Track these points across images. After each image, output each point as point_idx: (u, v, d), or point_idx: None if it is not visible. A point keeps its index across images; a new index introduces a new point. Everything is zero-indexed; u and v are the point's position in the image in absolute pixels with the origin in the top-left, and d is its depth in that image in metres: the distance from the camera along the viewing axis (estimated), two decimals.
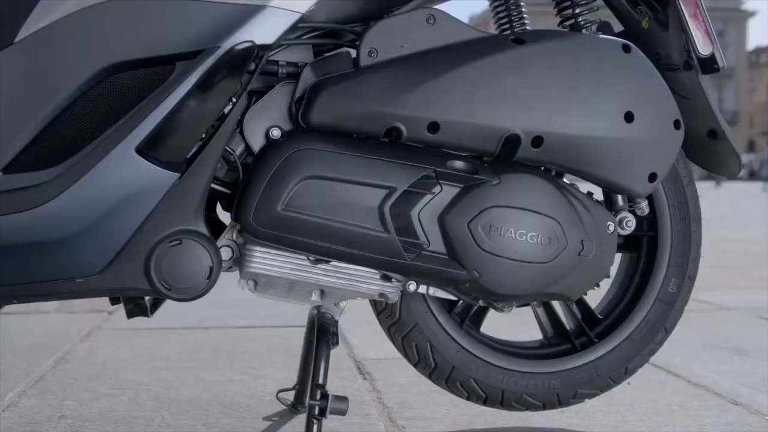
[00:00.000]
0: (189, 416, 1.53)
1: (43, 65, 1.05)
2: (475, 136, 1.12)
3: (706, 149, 1.36)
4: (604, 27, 1.42)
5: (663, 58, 1.33)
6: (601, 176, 1.18)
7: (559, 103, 1.12)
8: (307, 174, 1.10)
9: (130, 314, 1.20)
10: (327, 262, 1.15)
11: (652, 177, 1.20)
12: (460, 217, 1.13)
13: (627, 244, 1.43)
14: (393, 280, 1.18)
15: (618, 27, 1.43)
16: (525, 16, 1.42)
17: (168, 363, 1.96)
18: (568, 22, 1.30)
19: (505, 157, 1.15)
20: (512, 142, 1.13)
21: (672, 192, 1.39)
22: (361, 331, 2.31)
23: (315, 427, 1.19)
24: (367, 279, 1.17)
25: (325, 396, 1.20)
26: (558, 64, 1.13)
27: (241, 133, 1.15)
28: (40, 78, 1.05)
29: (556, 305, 1.43)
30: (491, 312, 1.38)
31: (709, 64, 1.31)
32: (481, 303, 1.27)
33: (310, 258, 1.15)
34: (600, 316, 1.43)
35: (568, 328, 1.42)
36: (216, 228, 1.19)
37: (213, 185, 1.16)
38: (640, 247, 1.42)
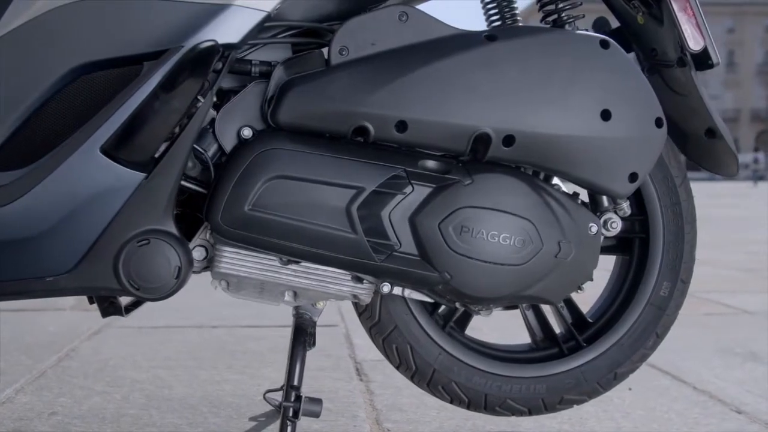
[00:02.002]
0: (177, 415, 1.53)
1: (15, 66, 1.06)
2: (444, 135, 1.09)
3: (704, 148, 1.32)
4: (602, 23, 1.39)
5: (659, 54, 1.30)
6: (579, 176, 1.14)
7: (531, 101, 1.09)
8: (274, 174, 1.09)
9: (105, 313, 1.21)
10: (297, 262, 1.14)
11: (633, 177, 1.16)
12: (430, 217, 1.11)
13: (619, 245, 1.39)
14: (365, 281, 1.16)
15: (616, 23, 1.39)
16: (517, 12, 1.39)
17: (167, 362, 1.97)
18: (550, 18, 1.27)
19: (478, 156, 1.12)
20: (483, 141, 1.10)
21: (664, 192, 1.34)
22: (364, 332, 2.29)
23: (289, 428, 1.18)
24: (337, 280, 1.16)
25: (298, 398, 1.19)
26: (531, 61, 1.10)
27: (214, 132, 1.15)
28: (12, 79, 1.06)
29: (546, 308, 1.40)
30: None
31: (703, 60, 1.27)
32: (457, 305, 1.25)
33: (281, 259, 1.14)
34: (590, 320, 1.40)
35: (556, 331, 1.39)
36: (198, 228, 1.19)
37: (190, 185, 1.16)
38: (632, 249, 1.38)
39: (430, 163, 1.13)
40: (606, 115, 1.12)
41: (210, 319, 2.53)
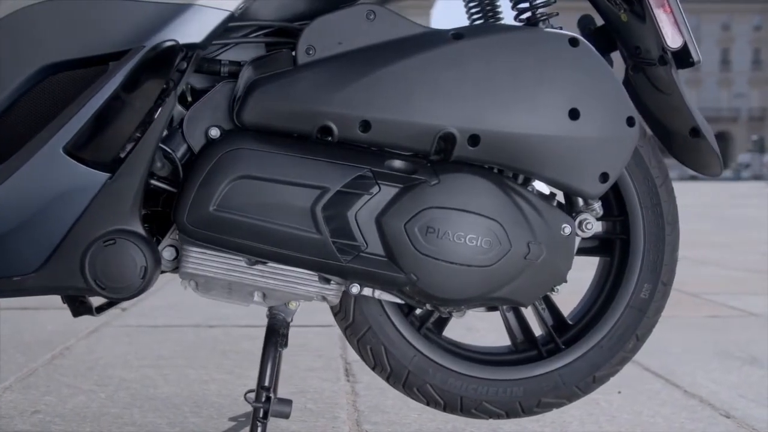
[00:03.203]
0: (158, 414, 1.54)
1: None
2: (408, 134, 1.08)
3: (689, 147, 1.30)
4: (587, 20, 1.38)
5: (642, 52, 1.28)
6: (549, 176, 1.13)
7: (496, 100, 1.08)
8: (239, 174, 1.09)
9: (75, 313, 1.21)
10: (263, 263, 1.14)
11: (604, 177, 1.14)
12: (396, 218, 1.10)
13: (601, 247, 1.37)
14: (332, 282, 1.16)
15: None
16: (500, 11, 1.38)
17: (159, 361, 1.98)
18: (524, 16, 1.25)
19: (445, 156, 1.11)
20: (448, 140, 1.09)
21: (644, 193, 1.32)
22: None
23: (259, 429, 1.17)
24: (304, 281, 1.15)
25: (268, 399, 1.18)
26: (496, 59, 1.08)
27: (183, 132, 1.15)
28: None
29: (527, 310, 1.38)
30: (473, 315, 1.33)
31: (683, 59, 1.26)
32: (428, 307, 1.23)
33: (248, 259, 1.14)
34: (570, 322, 1.38)
35: (535, 333, 1.37)
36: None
37: (162, 185, 1.16)
38: (614, 251, 1.36)
39: (398, 163, 1.12)
40: (574, 114, 1.10)
41: (208, 319, 2.54)
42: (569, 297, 1.31)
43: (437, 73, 1.07)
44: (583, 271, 1.40)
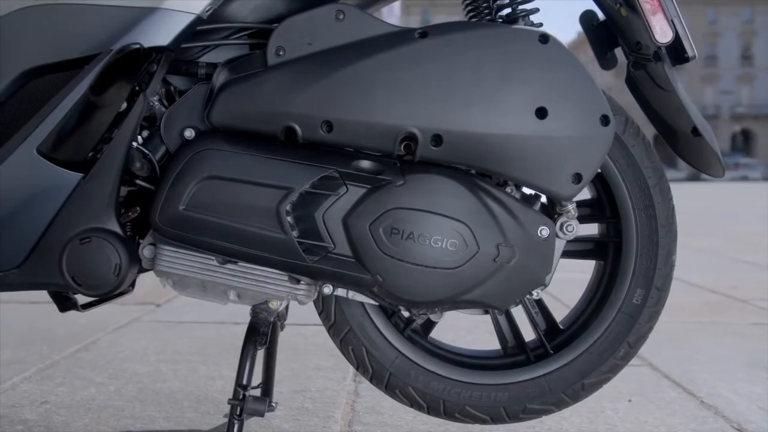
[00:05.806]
0: (158, 408, 1.57)
1: None
2: (370, 134, 1.07)
3: (692, 146, 1.25)
4: (588, 16, 1.34)
5: (643, 48, 1.23)
6: (518, 177, 1.10)
7: (459, 99, 1.06)
8: (207, 174, 1.10)
9: (62, 308, 1.25)
10: (234, 262, 1.15)
11: (577, 178, 1.10)
12: (361, 219, 1.09)
13: (596, 250, 1.33)
14: (302, 282, 1.16)
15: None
16: (494, 8, 1.35)
17: (175, 356, 2.03)
18: (503, 12, 1.23)
19: (410, 157, 1.10)
20: (411, 141, 1.07)
21: (637, 194, 1.27)
22: None
23: (236, 426, 1.19)
24: (274, 281, 1.15)
25: (245, 396, 1.19)
26: (460, 58, 1.06)
27: (160, 134, 1.17)
28: None
29: (517, 313, 1.35)
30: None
31: (679, 54, 1.21)
32: (401, 308, 1.22)
33: (220, 258, 1.15)
34: (562, 327, 1.34)
35: (525, 338, 1.33)
36: None
37: (145, 185, 1.18)
38: (607, 254, 1.32)
39: (366, 164, 1.11)
40: (542, 112, 1.07)
41: (233, 316, 2.58)
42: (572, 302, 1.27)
43: (399, 73, 1.06)
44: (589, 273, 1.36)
